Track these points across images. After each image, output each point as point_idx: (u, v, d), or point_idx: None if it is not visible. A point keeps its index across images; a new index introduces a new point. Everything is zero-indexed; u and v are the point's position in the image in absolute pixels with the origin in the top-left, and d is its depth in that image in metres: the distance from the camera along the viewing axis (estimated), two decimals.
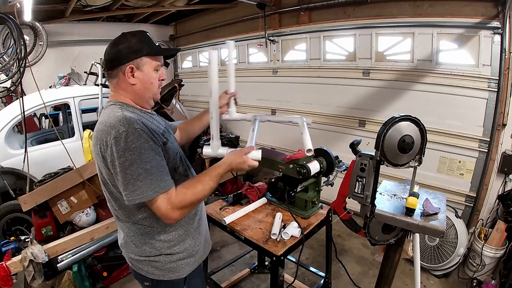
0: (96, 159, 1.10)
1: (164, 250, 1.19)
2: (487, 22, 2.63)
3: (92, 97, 3.79)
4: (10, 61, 2.71)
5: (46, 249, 2.25)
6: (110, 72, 1.14)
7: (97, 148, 1.06)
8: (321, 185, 1.90)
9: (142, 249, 1.19)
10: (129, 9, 5.04)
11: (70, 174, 2.74)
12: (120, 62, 1.10)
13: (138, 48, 1.11)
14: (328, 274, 2.11)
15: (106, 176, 1.09)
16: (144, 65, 1.13)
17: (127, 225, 1.19)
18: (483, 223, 2.78)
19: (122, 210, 1.15)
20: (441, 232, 1.28)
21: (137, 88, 1.14)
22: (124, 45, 1.10)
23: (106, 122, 1.04)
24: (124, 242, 1.25)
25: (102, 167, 1.08)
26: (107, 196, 1.17)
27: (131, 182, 1.00)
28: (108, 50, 1.14)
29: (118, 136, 1.00)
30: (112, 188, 1.11)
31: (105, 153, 1.03)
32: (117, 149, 0.99)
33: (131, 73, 1.11)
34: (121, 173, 1.00)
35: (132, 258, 1.23)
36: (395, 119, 1.28)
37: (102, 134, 1.03)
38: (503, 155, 2.69)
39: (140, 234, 1.18)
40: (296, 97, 4.31)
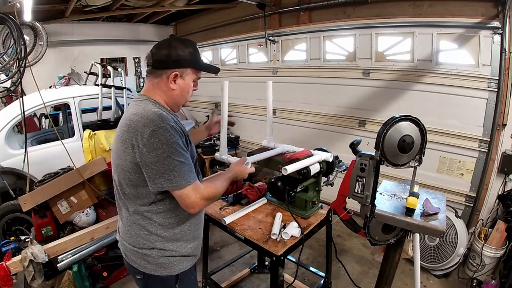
0: (121, 144, 1.15)
1: (158, 244, 1.23)
2: (487, 22, 2.63)
3: (92, 97, 3.79)
4: (10, 61, 2.71)
5: (46, 249, 2.25)
6: (155, 70, 1.21)
7: (128, 135, 1.12)
8: (321, 185, 1.89)
9: (136, 240, 1.24)
10: (129, 9, 5.05)
11: (70, 174, 2.74)
12: (168, 66, 1.19)
13: (188, 59, 1.21)
14: (328, 274, 2.11)
15: (128, 162, 1.14)
16: (187, 75, 1.23)
17: (129, 212, 1.23)
18: (483, 223, 2.78)
19: (133, 196, 1.20)
20: (441, 232, 1.28)
21: (175, 93, 1.24)
22: (176, 52, 1.18)
23: (143, 114, 1.12)
24: (122, 230, 1.31)
25: (127, 153, 1.13)
26: (121, 182, 1.21)
27: (167, 171, 1.09)
28: (157, 50, 1.20)
29: (157, 129, 1.08)
30: (129, 175, 1.16)
31: (136, 141, 1.09)
32: (155, 141, 1.07)
33: (174, 79, 1.20)
34: (158, 163, 1.08)
35: (126, 248, 1.28)
36: (395, 119, 1.28)
37: (137, 124, 1.10)
38: (503, 155, 2.69)
39: (138, 224, 1.22)
40: (296, 97, 4.31)
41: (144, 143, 1.08)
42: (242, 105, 5.09)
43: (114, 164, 1.24)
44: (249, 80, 4.86)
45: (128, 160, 1.14)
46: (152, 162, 1.09)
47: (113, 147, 1.26)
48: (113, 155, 1.25)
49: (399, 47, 3.30)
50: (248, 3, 4.27)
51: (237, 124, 5.31)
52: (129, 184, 1.19)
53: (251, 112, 4.99)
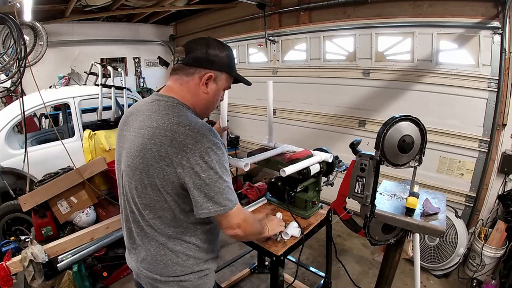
0: (158, 161, 0.96)
1: (196, 267, 1.12)
2: (487, 22, 2.63)
3: (92, 97, 3.79)
4: (10, 61, 2.71)
5: (46, 249, 2.24)
6: (186, 67, 1.06)
7: (171, 150, 0.94)
8: (321, 185, 1.89)
9: (172, 269, 1.09)
10: (129, 9, 5.05)
11: (70, 174, 2.74)
12: (203, 64, 1.05)
13: (225, 63, 1.08)
14: (328, 274, 2.11)
15: (166, 181, 0.97)
16: (220, 80, 1.10)
17: (160, 240, 1.07)
18: (483, 223, 2.78)
19: (168, 221, 1.04)
20: (441, 232, 1.28)
21: (205, 98, 1.09)
22: (214, 52, 1.05)
23: (192, 127, 0.96)
24: (149, 262, 1.10)
25: (167, 172, 0.96)
26: (148, 203, 1.03)
27: (217, 195, 0.97)
28: (194, 46, 1.06)
29: (211, 147, 0.95)
30: (165, 196, 1.00)
31: (185, 159, 0.93)
32: (209, 160, 0.94)
33: (207, 81, 1.07)
34: (208, 186, 0.95)
35: (156, 280, 1.10)
36: (395, 119, 1.28)
37: (186, 139, 0.94)
38: (503, 155, 2.69)
39: (175, 251, 1.08)
40: (296, 97, 4.31)
41: (196, 162, 0.93)
42: (242, 105, 5.09)
43: (138, 184, 1.02)
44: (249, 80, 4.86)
45: (168, 180, 0.97)
46: (202, 184, 0.94)
47: (131, 163, 1.03)
48: (134, 172, 1.02)
49: (399, 47, 3.30)
50: (248, 3, 4.27)
51: (237, 124, 5.33)
52: (165, 207, 1.01)
53: (251, 112, 4.99)
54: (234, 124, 5.41)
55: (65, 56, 5.54)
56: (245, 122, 5.19)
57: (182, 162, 0.94)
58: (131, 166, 1.03)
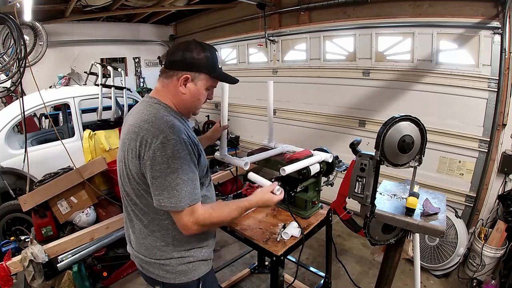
0: (127, 153, 1.09)
1: (175, 253, 1.18)
2: (487, 22, 2.63)
3: (92, 97, 3.79)
4: (10, 61, 2.71)
5: (46, 249, 2.25)
6: (167, 71, 1.16)
7: (136, 143, 1.05)
8: (321, 185, 1.89)
9: (152, 252, 1.19)
10: (129, 9, 5.05)
11: (70, 174, 2.74)
12: (179, 67, 1.13)
13: (203, 64, 1.13)
14: (328, 274, 2.11)
15: (134, 172, 1.09)
16: (199, 80, 1.15)
17: (143, 224, 1.17)
18: (483, 223, 2.78)
19: (144, 206, 1.14)
20: (441, 232, 1.28)
21: (184, 98, 1.16)
22: (191, 54, 1.11)
23: (154, 123, 1.05)
24: (136, 243, 1.24)
25: (133, 163, 1.08)
26: (128, 190, 1.16)
27: (167, 189, 1.02)
28: (173, 50, 1.15)
29: (166, 142, 1.01)
30: (137, 185, 1.11)
31: (144, 152, 1.04)
32: (162, 154, 1.01)
33: (185, 82, 1.13)
34: (160, 178, 1.02)
35: (142, 260, 1.22)
36: (395, 119, 1.28)
37: (147, 134, 1.04)
38: (503, 155, 2.69)
39: (153, 236, 1.17)
40: (296, 97, 4.31)
41: (150, 155, 1.02)
42: (242, 105, 5.09)
43: (121, 174, 1.17)
44: (249, 80, 4.86)
45: (135, 171, 1.09)
46: (154, 176, 1.03)
47: (119, 155, 1.19)
48: (120, 164, 1.18)
49: (399, 47, 3.30)
50: (248, 3, 4.27)
51: (237, 124, 5.33)
52: (139, 195, 1.13)
53: (251, 112, 4.99)
54: (234, 124, 5.41)
55: (65, 56, 5.55)
56: (245, 122, 5.19)
57: (141, 155, 1.05)
58: (119, 159, 1.19)
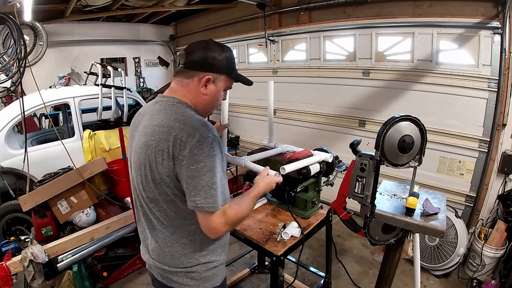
0: (155, 155, 1.03)
1: (202, 259, 1.15)
2: (487, 22, 2.63)
3: (92, 97, 3.79)
4: (10, 61, 2.71)
5: (46, 249, 2.25)
6: (186, 71, 1.12)
7: (168, 143, 1.00)
8: (321, 185, 1.89)
9: (179, 261, 1.13)
10: (129, 9, 5.05)
11: (70, 174, 2.74)
12: (201, 68, 1.10)
13: (224, 65, 1.13)
14: (328, 274, 2.11)
15: (166, 175, 1.03)
16: (220, 81, 1.15)
17: (168, 231, 1.12)
18: (483, 223, 2.78)
19: (173, 212, 1.09)
20: (441, 232, 1.28)
21: (205, 99, 1.14)
22: (212, 55, 1.10)
23: (186, 121, 1.02)
24: (158, 253, 1.16)
25: (164, 165, 1.02)
26: (153, 196, 1.09)
27: (204, 188, 0.99)
28: (193, 50, 1.12)
29: (203, 140, 0.99)
30: (167, 189, 1.05)
31: (178, 152, 0.99)
32: (199, 152, 0.98)
33: (206, 83, 1.12)
34: (197, 178, 0.99)
35: (165, 270, 1.16)
36: (395, 119, 1.28)
37: (180, 132, 1.00)
38: (503, 155, 2.69)
39: (181, 243, 1.12)
40: (296, 97, 4.31)
41: (186, 154, 0.98)
42: (242, 105, 5.09)
43: (143, 179, 1.09)
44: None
45: (166, 173, 1.02)
46: (191, 176, 0.99)
47: (137, 159, 1.11)
48: (140, 169, 1.09)
49: (399, 47, 3.30)
50: (248, 3, 4.27)
51: (237, 124, 5.32)
52: (168, 200, 1.07)
53: (251, 112, 4.99)
54: (234, 124, 5.41)
55: (65, 56, 5.55)
56: (245, 122, 5.19)
57: (174, 154, 1.00)
58: (137, 163, 1.11)
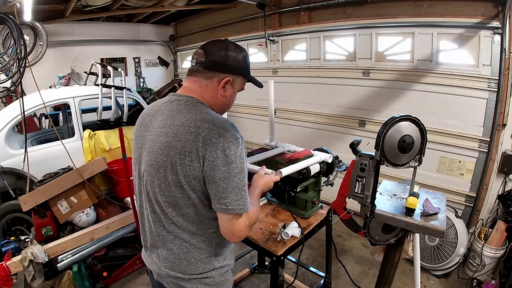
0: (181, 156, 0.98)
1: (217, 263, 1.13)
2: (487, 22, 2.63)
3: (92, 97, 3.79)
4: (10, 61, 2.71)
5: (46, 249, 2.25)
6: (206, 71, 1.08)
7: (197, 144, 0.96)
8: (321, 185, 1.89)
9: (195, 267, 1.10)
10: (129, 9, 5.05)
11: (70, 174, 2.74)
12: (222, 69, 1.07)
13: (242, 67, 1.11)
14: (328, 274, 2.11)
15: (192, 177, 0.99)
16: (237, 83, 1.13)
17: (184, 237, 1.08)
18: (483, 223, 2.78)
19: (192, 217, 1.05)
20: (441, 232, 1.29)
21: (222, 100, 1.12)
22: (233, 56, 1.07)
23: (215, 122, 0.99)
24: (171, 260, 1.11)
25: (192, 167, 0.97)
26: (171, 200, 1.04)
27: (235, 190, 0.97)
28: (213, 49, 1.07)
29: (234, 141, 0.97)
30: (191, 191, 1.01)
31: (208, 153, 0.95)
32: (230, 153, 0.96)
33: (225, 85, 1.09)
34: (228, 180, 0.96)
35: (179, 278, 1.11)
36: (395, 119, 1.28)
37: (210, 133, 0.96)
38: (503, 155, 2.69)
39: (198, 248, 1.09)
40: (296, 97, 4.31)
41: (217, 155, 0.95)
42: (242, 105, 5.09)
43: (161, 182, 1.04)
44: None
45: (193, 176, 0.98)
46: (221, 178, 0.96)
47: (155, 161, 1.04)
48: (158, 170, 1.03)
49: (399, 47, 3.30)
50: (248, 3, 4.27)
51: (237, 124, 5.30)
52: (189, 204, 1.03)
53: (251, 112, 4.99)
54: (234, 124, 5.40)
55: (65, 56, 5.54)
56: (245, 122, 5.19)
57: (205, 156, 0.96)
58: (154, 165, 1.04)
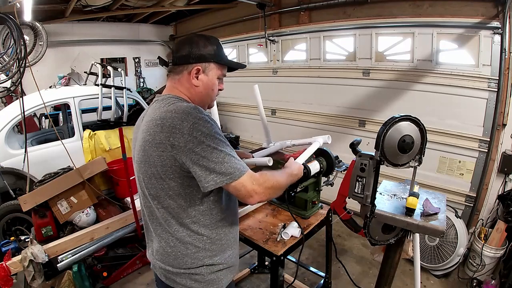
0: (153, 149, 1.02)
1: (207, 260, 1.13)
2: (487, 22, 2.63)
3: (92, 97, 3.79)
4: (10, 61, 2.71)
5: (46, 249, 2.25)
6: (175, 67, 1.15)
7: (163, 135, 1.00)
8: (321, 185, 1.89)
9: (182, 261, 1.12)
10: (129, 9, 5.05)
11: (70, 174, 2.74)
12: (188, 61, 1.12)
13: (211, 54, 1.13)
14: (328, 274, 2.11)
15: (168, 166, 1.02)
16: (210, 70, 1.15)
17: (172, 229, 1.10)
18: (483, 223, 2.78)
19: (176, 208, 1.08)
20: (441, 232, 1.28)
21: (198, 90, 1.15)
22: (196, 47, 1.11)
23: (177, 110, 1.02)
24: (161, 253, 1.15)
25: (164, 157, 1.01)
26: (156, 193, 1.08)
27: (217, 165, 0.98)
28: (178, 46, 1.14)
29: (197, 122, 0.98)
30: (172, 181, 1.04)
31: (177, 139, 0.98)
32: (198, 134, 0.98)
33: (196, 74, 1.13)
34: (205, 158, 0.98)
35: (168, 272, 1.15)
36: (395, 119, 1.28)
37: (173, 121, 0.99)
38: (503, 155, 2.69)
39: (184, 242, 1.11)
40: (296, 97, 4.31)
41: (186, 139, 0.97)
42: (242, 105, 5.09)
43: (146, 176, 1.09)
44: (249, 80, 4.85)
45: (167, 166, 1.02)
46: (198, 159, 0.98)
47: (138, 158, 1.11)
48: (141, 166, 1.10)
49: (399, 47, 3.30)
50: (248, 3, 4.27)
51: (237, 124, 5.33)
52: (170, 195, 1.06)
53: (251, 112, 4.99)
54: (234, 124, 5.41)
55: (65, 56, 5.54)
56: (245, 122, 5.19)
57: (174, 144, 0.99)
58: (138, 161, 1.12)
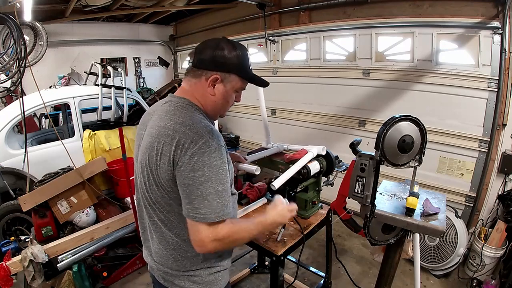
0: (158, 157, 0.99)
1: (205, 263, 1.13)
2: (487, 22, 2.63)
3: (92, 97, 3.79)
4: (10, 61, 2.71)
5: (46, 249, 2.25)
6: (195, 69, 1.08)
7: (171, 148, 0.96)
8: (321, 185, 1.89)
9: (182, 264, 1.11)
10: (129, 9, 5.05)
11: (70, 174, 2.74)
12: (208, 67, 1.05)
13: (234, 64, 1.06)
14: (328, 274, 2.11)
15: (165, 180, 1.00)
16: (229, 82, 1.08)
17: (171, 233, 1.09)
18: (483, 223, 2.78)
19: (175, 214, 1.06)
20: (441, 232, 1.28)
21: (213, 99, 1.09)
22: (221, 53, 1.04)
23: (192, 126, 0.98)
24: (160, 255, 1.14)
25: (165, 169, 0.98)
26: (156, 199, 1.07)
27: (198, 198, 0.95)
28: (202, 48, 1.07)
29: (205, 148, 0.94)
30: (168, 193, 1.03)
31: (178, 157, 0.95)
32: (198, 160, 0.94)
33: (214, 83, 1.06)
34: (191, 186, 0.95)
35: (167, 273, 1.14)
36: (395, 119, 1.28)
37: (184, 137, 0.95)
38: (503, 155, 2.69)
39: (184, 245, 1.09)
40: (296, 97, 4.31)
41: (185, 161, 0.94)
42: (242, 105, 5.07)
43: (146, 180, 1.06)
44: None
45: (165, 178, 1.00)
46: (186, 184, 0.95)
47: (141, 159, 1.08)
48: (143, 169, 1.07)
49: (399, 47, 3.30)
50: (248, 3, 4.27)
51: (237, 124, 5.32)
52: (169, 203, 1.05)
53: (251, 112, 4.99)
54: (234, 124, 5.42)
55: (65, 56, 5.54)
56: (245, 122, 5.19)
57: (175, 160, 0.96)
58: (142, 163, 1.07)
